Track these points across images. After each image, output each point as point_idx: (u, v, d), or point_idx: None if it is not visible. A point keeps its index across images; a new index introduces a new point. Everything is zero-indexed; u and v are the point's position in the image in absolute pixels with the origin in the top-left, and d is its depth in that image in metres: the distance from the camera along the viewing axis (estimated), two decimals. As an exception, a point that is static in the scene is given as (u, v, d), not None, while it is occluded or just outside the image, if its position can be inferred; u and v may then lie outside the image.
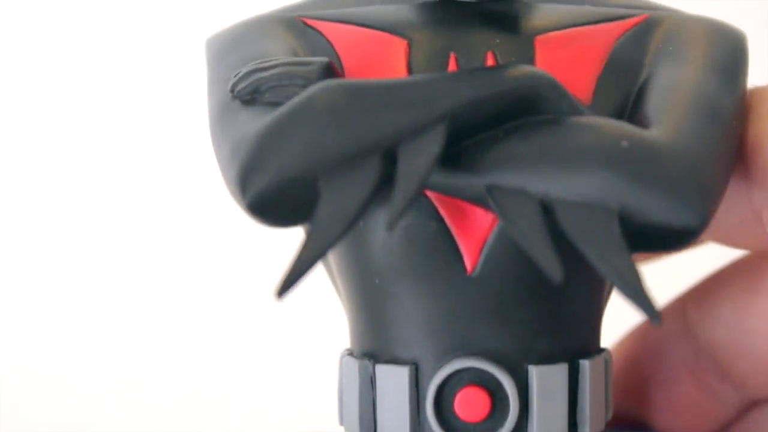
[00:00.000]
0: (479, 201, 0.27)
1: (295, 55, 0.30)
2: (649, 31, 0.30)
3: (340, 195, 0.25)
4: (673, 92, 0.28)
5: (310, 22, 0.31)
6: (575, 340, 0.29)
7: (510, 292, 0.28)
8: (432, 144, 0.26)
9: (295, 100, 0.27)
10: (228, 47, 0.32)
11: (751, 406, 0.33)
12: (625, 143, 0.26)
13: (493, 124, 0.27)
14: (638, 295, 0.24)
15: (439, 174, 0.26)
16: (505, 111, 0.27)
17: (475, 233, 0.28)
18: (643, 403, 0.34)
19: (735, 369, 0.32)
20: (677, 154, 0.26)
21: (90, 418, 0.72)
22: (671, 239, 0.26)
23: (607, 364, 0.29)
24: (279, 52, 0.30)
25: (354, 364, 0.29)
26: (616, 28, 0.30)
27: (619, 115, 0.29)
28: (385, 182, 0.26)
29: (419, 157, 0.26)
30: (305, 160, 0.26)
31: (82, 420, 0.71)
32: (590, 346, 0.29)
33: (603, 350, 0.30)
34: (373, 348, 0.29)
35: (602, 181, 0.26)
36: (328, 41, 0.31)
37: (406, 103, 0.26)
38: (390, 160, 0.26)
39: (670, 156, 0.26)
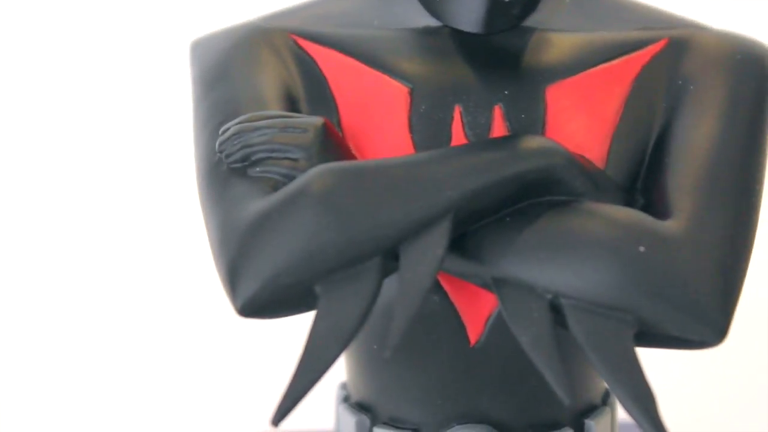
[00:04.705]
0: (485, 287, 0.25)
1: (286, 88, 0.28)
2: (668, 61, 0.28)
3: (339, 306, 0.23)
4: (694, 160, 0.26)
5: (302, 43, 0.29)
6: (581, 402, 0.28)
7: (514, 364, 0.27)
8: (435, 245, 0.23)
9: (290, 191, 0.25)
10: (213, 75, 0.29)
11: None
12: (642, 247, 0.23)
13: (502, 206, 0.25)
14: (650, 419, 0.23)
15: (444, 259, 0.24)
16: (515, 194, 0.25)
17: (479, 306, 0.27)
18: None
19: None
20: (699, 258, 0.23)
21: (88, 418, 0.72)
22: (686, 347, 0.25)
23: (613, 413, 0.29)
24: (267, 89, 0.28)
25: (351, 419, 0.29)
26: (632, 63, 0.28)
27: (635, 173, 0.27)
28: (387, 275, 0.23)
29: (422, 262, 0.23)
30: (300, 266, 0.23)
31: (80, 419, 0.72)
32: (596, 400, 0.29)
33: (608, 396, 0.29)
34: (371, 403, 0.29)
35: (618, 290, 0.23)
36: (322, 72, 0.29)
37: (408, 197, 0.24)
38: (391, 255, 0.24)
39: (690, 263, 0.23)
